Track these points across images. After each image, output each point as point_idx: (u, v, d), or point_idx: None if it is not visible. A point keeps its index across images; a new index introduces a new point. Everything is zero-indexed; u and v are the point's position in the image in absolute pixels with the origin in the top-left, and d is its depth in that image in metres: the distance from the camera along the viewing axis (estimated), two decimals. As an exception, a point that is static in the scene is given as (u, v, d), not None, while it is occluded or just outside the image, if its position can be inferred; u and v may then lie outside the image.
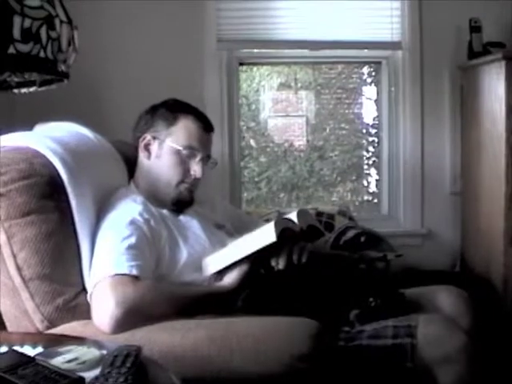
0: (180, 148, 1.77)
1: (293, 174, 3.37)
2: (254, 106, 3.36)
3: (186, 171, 1.78)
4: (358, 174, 3.41)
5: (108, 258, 1.56)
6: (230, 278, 1.66)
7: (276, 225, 1.59)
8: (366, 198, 3.41)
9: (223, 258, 1.67)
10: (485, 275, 2.73)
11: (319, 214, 2.67)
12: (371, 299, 1.68)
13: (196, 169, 1.78)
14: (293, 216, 1.69)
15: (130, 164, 1.93)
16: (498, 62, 2.61)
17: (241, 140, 3.20)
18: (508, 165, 2.51)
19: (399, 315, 1.64)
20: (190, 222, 1.81)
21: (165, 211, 1.78)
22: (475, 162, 2.90)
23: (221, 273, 1.68)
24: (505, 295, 2.53)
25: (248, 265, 1.65)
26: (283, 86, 3.40)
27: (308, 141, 3.39)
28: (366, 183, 3.42)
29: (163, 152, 1.79)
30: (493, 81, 2.68)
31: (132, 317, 1.46)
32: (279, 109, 3.44)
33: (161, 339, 1.45)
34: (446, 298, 1.80)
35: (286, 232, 1.62)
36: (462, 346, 1.51)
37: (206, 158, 1.83)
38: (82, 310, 1.56)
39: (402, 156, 3.14)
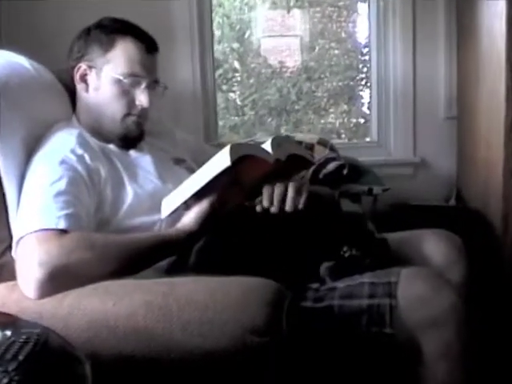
0: (120, 77, 1.57)
1: (280, 97, 3.23)
2: (238, 26, 3.23)
3: (130, 102, 1.59)
4: (350, 97, 3.30)
5: (32, 209, 1.39)
6: (187, 219, 1.45)
7: (233, 148, 1.36)
8: (356, 120, 3.31)
9: (178, 196, 1.46)
10: (482, 210, 2.53)
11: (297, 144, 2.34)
12: (345, 248, 1.44)
13: (142, 98, 1.58)
14: (266, 145, 1.45)
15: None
16: (498, -27, 2.33)
17: (216, 65, 3.02)
18: (508, 87, 2.26)
19: (378, 268, 1.41)
20: (142, 158, 1.64)
21: (111, 146, 1.62)
22: (473, 84, 2.68)
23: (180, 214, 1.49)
24: (504, 235, 2.30)
25: (208, 202, 1.44)
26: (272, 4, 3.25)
27: (297, 61, 3.28)
28: (357, 107, 3.31)
29: (102, 83, 1.60)
30: (492, -6, 2.43)
31: (59, 279, 1.28)
32: (266, 29, 3.30)
33: (91, 306, 1.25)
34: (435, 244, 1.57)
35: (260, 166, 1.41)
36: (450, 307, 1.28)
37: (153, 84, 1.63)
38: (10, 269, 1.37)
39: (392, 78, 2.94)
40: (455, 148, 2.93)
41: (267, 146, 1.44)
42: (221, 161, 1.36)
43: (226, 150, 1.36)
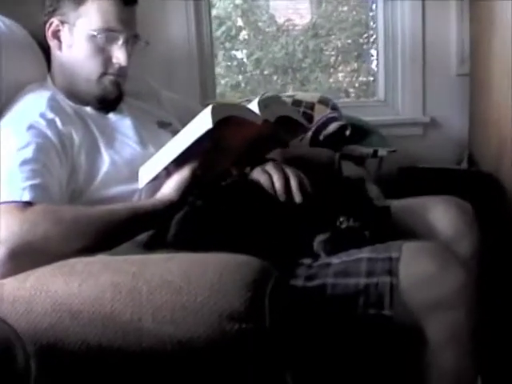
0: (94, 33, 1.44)
1: (286, 55, 3.13)
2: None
3: (107, 60, 1.47)
4: (359, 55, 3.18)
5: None
6: (166, 189, 1.35)
7: (215, 109, 1.24)
8: (366, 79, 3.20)
9: (156, 163, 1.36)
10: (495, 174, 2.40)
11: (296, 103, 2.32)
12: (342, 219, 1.29)
13: (119, 55, 1.46)
14: (253, 105, 1.32)
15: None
16: None
17: (218, 22, 2.97)
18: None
19: (378, 241, 1.27)
20: (122, 121, 1.53)
21: (88, 109, 1.50)
22: (486, 39, 2.53)
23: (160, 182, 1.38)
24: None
25: (190, 169, 1.33)
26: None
27: (303, 18, 3.18)
28: (367, 64, 3.19)
29: (75, 39, 1.47)
30: None
31: (22, 257, 1.16)
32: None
33: (55, 287, 1.11)
34: (443, 213, 1.43)
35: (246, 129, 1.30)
36: (460, 287, 1.14)
37: (132, 39, 1.50)
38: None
39: (400, 33, 2.84)
40: (467, 107, 2.80)
41: (254, 107, 1.32)
42: (202, 123, 1.25)
43: (208, 111, 1.24)
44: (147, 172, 1.37)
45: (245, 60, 3.17)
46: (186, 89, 2.59)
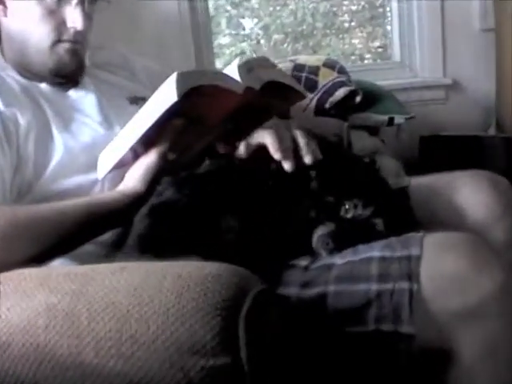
0: None
1: (295, 20, 2.97)
2: None
3: (60, 24, 1.30)
4: (373, 16, 3.00)
5: None
6: (130, 179, 1.17)
7: (180, 77, 1.05)
8: (381, 42, 3.02)
9: (118, 147, 1.18)
10: None
11: (298, 67, 2.12)
12: (347, 206, 1.04)
13: (74, 17, 1.29)
14: (231, 70, 1.12)
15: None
16: None
17: None
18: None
19: (393, 233, 1.02)
20: (83, 99, 1.37)
21: (43, 85, 1.34)
22: None
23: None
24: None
25: (158, 152, 1.14)
26: None
27: None
28: (382, 27, 3.02)
29: (22, 2, 1.30)
30: None
31: None
32: None
33: None
34: (473, 193, 1.19)
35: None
36: (498, 292, 0.90)
37: None
38: None
39: None
40: (493, 66, 2.62)
41: (233, 73, 1.10)
42: (166, 95, 1.06)
43: (172, 81, 1.05)
44: (107, 159, 1.19)
45: (251, 27, 3.04)
46: (180, 63, 2.42)
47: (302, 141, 1.10)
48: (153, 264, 0.88)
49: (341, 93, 2.00)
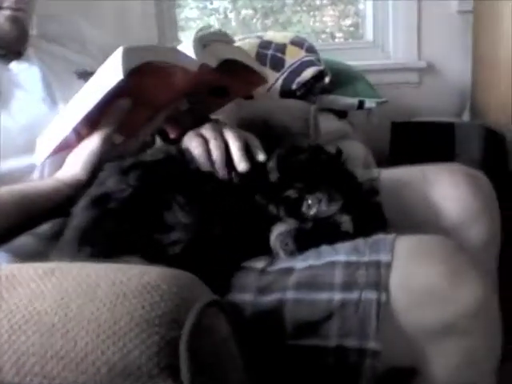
0: None
1: None
2: None
3: None
4: None
5: None
6: (70, 165, 1.07)
7: (127, 53, 0.96)
8: (353, 20, 3.00)
9: (59, 129, 1.07)
10: (504, 128, 2.18)
11: (264, 44, 2.04)
12: (310, 201, 0.94)
13: None
14: (185, 46, 1.02)
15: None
16: None
17: None
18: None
19: (361, 233, 0.92)
20: (26, 72, 1.25)
21: None
22: None
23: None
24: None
25: (101, 136, 1.04)
26: None
27: None
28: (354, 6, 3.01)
29: None
30: None
31: None
32: None
33: None
34: (448, 189, 1.10)
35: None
36: (477, 304, 0.81)
37: None
38: None
39: None
40: (470, 50, 2.61)
41: (188, 49, 1.01)
42: (111, 72, 0.97)
43: (117, 57, 0.96)
44: (47, 142, 1.08)
45: (220, 1, 3.01)
46: (141, 37, 2.37)
47: (233, 147, 1.02)
48: (87, 266, 0.77)
49: (309, 73, 1.93)
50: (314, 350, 0.82)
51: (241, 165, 1.00)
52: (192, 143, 1.03)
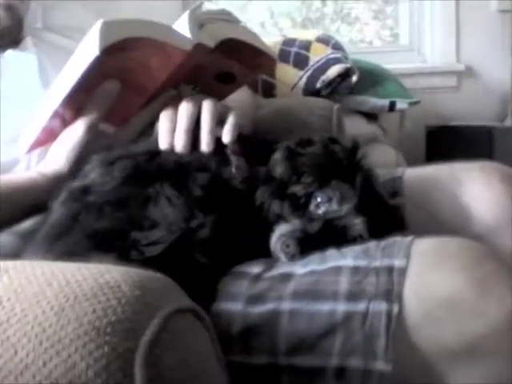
0: None
1: (302, 3, 2.97)
2: None
3: None
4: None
5: None
6: (51, 155, 0.98)
7: (105, 27, 0.86)
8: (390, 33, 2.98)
9: (41, 115, 0.98)
10: None
11: (287, 42, 1.92)
12: (319, 199, 0.83)
13: None
14: (180, 24, 0.92)
15: None
16: None
17: None
18: None
19: (374, 235, 0.81)
20: (22, 61, 1.21)
21: None
22: None
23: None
24: None
25: (85, 123, 0.95)
26: None
27: None
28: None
29: None
30: None
31: None
32: None
33: None
34: (482, 188, 0.98)
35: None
36: (504, 323, 0.69)
37: None
38: None
39: None
40: (510, 51, 2.55)
41: (182, 27, 0.90)
42: (88, 48, 0.87)
43: (95, 31, 0.86)
44: (29, 130, 1.00)
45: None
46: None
47: (204, 121, 0.90)
48: (46, 264, 0.67)
49: (334, 71, 1.83)
50: (311, 371, 0.71)
51: (203, 145, 0.89)
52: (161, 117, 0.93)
